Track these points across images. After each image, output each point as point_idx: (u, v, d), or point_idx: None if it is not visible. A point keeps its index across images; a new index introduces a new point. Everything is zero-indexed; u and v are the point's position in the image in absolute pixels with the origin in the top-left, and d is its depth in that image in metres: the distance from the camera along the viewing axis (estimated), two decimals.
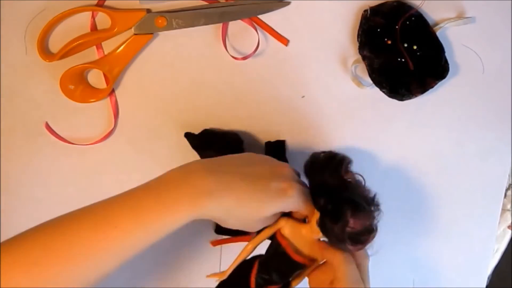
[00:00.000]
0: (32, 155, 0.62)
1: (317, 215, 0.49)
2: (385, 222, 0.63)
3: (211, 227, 0.62)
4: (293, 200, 0.48)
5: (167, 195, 0.43)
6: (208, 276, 0.55)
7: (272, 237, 0.53)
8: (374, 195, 0.51)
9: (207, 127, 0.61)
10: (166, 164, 0.61)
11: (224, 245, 0.62)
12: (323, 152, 0.53)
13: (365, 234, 0.48)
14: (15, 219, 0.63)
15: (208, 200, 0.44)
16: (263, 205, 0.46)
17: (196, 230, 0.63)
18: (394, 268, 0.64)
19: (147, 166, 0.62)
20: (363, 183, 0.52)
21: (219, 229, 0.61)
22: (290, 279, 0.54)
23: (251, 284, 0.53)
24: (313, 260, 0.52)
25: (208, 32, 0.60)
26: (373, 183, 0.62)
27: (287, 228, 0.52)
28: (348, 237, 0.47)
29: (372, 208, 0.50)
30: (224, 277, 0.54)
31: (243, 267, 0.54)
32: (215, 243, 0.62)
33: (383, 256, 0.63)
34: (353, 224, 0.47)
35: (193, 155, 0.61)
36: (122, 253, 0.43)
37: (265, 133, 0.61)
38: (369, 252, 0.51)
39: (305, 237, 0.51)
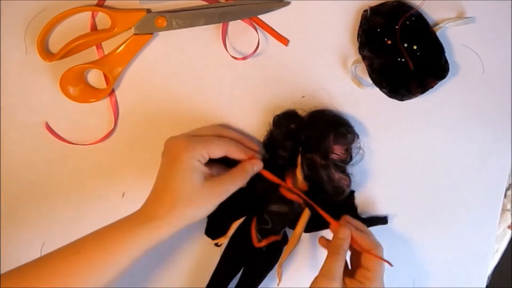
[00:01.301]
0: (32, 155, 0.62)
1: (298, 160, 0.54)
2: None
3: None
4: (190, 150, 0.50)
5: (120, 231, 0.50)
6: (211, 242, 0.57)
7: (264, 184, 0.56)
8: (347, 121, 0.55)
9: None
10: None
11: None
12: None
13: (349, 159, 0.52)
14: (15, 219, 0.63)
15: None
16: (174, 166, 0.51)
17: (197, 230, 0.63)
18: (394, 268, 0.64)
19: (147, 166, 0.62)
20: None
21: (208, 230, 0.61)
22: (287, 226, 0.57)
23: (253, 239, 0.56)
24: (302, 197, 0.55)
25: (208, 32, 0.60)
26: (373, 183, 0.62)
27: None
28: (333, 164, 0.51)
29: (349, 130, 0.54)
30: (227, 238, 0.57)
31: (243, 225, 0.57)
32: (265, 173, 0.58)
33: (383, 256, 0.63)
34: (336, 149, 0.52)
35: None
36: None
37: (265, 133, 0.61)
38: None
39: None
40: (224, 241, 0.57)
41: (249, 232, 0.57)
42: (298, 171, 0.56)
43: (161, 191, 0.51)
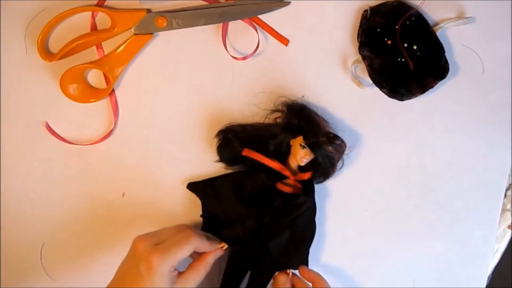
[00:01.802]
0: (32, 155, 0.62)
1: (295, 144, 0.56)
2: (384, 222, 0.63)
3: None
4: (162, 267, 0.52)
5: None
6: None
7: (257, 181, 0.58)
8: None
9: (207, 127, 0.61)
10: (166, 164, 0.61)
11: None
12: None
13: (338, 138, 0.56)
14: (15, 220, 0.63)
15: None
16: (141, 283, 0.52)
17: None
18: (394, 268, 0.64)
19: (147, 166, 0.62)
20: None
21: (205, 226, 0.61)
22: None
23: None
24: (298, 188, 0.58)
25: (208, 32, 0.60)
26: (373, 183, 0.62)
27: None
28: (329, 142, 0.55)
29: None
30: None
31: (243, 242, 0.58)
32: (246, 152, 0.59)
33: (383, 256, 0.63)
34: (326, 125, 0.57)
35: (192, 155, 0.61)
36: None
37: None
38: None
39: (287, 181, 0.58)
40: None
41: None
42: (291, 159, 0.57)
43: None
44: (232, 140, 0.58)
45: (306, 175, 0.58)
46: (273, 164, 0.57)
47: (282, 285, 0.57)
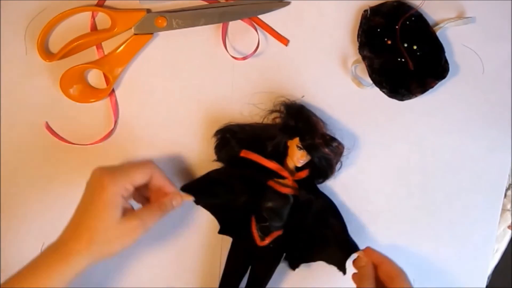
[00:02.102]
0: (32, 155, 0.62)
1: (292, 146, 0.56)
2: (385, 222, 0.63)
3: (210, 224, 0.63)
4: (113, 186, 0.51)
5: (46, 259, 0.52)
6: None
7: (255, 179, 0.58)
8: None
9: (207, 128, 0.61)
10: (166, 164, 0.61)
11: (225, 240, 0.62)
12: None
13: (335, 140, 0.56)
14: (15, 220, 0.63)
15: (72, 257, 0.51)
16: (93, 203, 0.51)
17: (197, 226, 0.63)
18: None
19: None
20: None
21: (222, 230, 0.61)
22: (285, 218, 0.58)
23: (256, 239, 0.57)
24: (296, 188, 0.58)
25: (208, 32, 0.60)
26: (373, 183, 0.62)
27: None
28: (326, 144, 0.55)
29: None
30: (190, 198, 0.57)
31: (243, 228, 0.58)
32: (244, 153, 0.59)
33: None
34: (324, 127, 0.57)
35: (192, 155, 0.61)
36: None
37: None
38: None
39: (285, 181, 0.58)
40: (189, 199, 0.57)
41: (250, 232, 0.58)
42: (289, 160, 0.57)
43: (78, 227, 0.52)
44: (230, 140, 0.58)
45: (303, 173, 0.58)
46: (271, 165, 0.57)
47: (366, 264, 0.54)
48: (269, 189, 0.57)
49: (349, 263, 0.56)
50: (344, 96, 0.60)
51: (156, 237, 0.63)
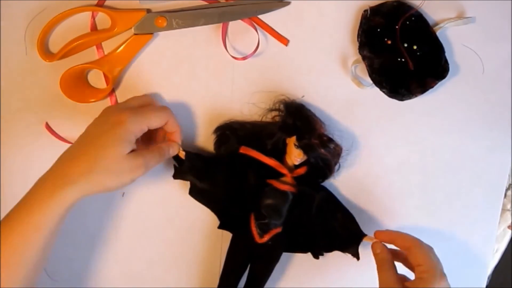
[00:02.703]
0: (32, 155, 0.62)
1: (290, 144, 0.56)
2: (385, 222, 0.63)
3: (211, 219, 0.63)
4: (130, 124, 0.51)
5: (38, 190, 0.52)
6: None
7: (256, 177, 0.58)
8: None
9: (207, 127, 0.61)
10: (166, 164, 0.61)
11: (225, 238, 0.62)
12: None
13: (333, 142, 0.56)
14: None
15: (65, 184, 0.50)
16: (110, 146, 0.51)
17: (197, 218, 0.63)
18: None
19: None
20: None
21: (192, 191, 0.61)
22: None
23: (255, 237, 0.57)
24: (295, 185, 0.58)
25: (208, 32, 0.60)
26: (372, 183, 0.62)
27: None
28: (323, 145, 0.55)
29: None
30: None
31: (242, 225, 0.58)
32: (244, 150, 0.59)
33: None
34: (322, 127, 0.57)
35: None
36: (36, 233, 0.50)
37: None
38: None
39: (284, 178, 0.58)
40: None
41: (249, 231, 0.58)
42: (287, 158, 0.57)
43: (79, 154, 0.51)
44: (230, 137, 0.58)
45: (302, 170, 0.58)
46: (270, 162, 0.57)
47: (381, 251, 0.55)
48: (268, 186, 0.57)
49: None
50: (344, 96, 0.60)
51: (157, 234, 0.63)
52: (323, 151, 0.55)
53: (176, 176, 0.59)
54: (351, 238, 0.58)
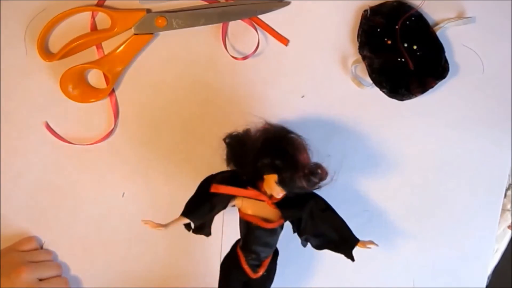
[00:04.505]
0: (32, 155, 0.62)
1: (270, 180, 0.51)
2: (385, 222, 0.63)
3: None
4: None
5: None
6: (145, 222, 0.53)
7: (240, 221, 0.55)
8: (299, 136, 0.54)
9: (207, 127, 0.61)
10: (166, 164, 0.61)
11: (225, 239, 0.62)
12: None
13: (318, 169, 0.51)
14: (15, 220, 0.63)
15: None
16: None
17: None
18: (394, 268, 0.64)
19: (147, 166, 0.62)
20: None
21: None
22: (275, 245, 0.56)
23: (249, 273, 0.55)
24: (281, 216, 0.54)
25: (208, 32, 0.60)
26: (373, 183, 0.62)
27: (248, 207, 0.54)
28: (306, 180, 0.50)
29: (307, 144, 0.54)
30: (163, 228, 0.53)
31: (231, 262, 0.56)
32: (215, 188, 0.54)
33: (384, 256, 0.63)
34: (306, 161, 0.51)
35: (192, 156, 0.61)
36: None
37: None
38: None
39: (267, 207, 0.53)
40: (159, 228, 0.53)
41: (241, 268, 0.55)
42: (267, 188, 0.53)
43: None
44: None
45: (280, 197, 0.53)
46: (248, 193, 0.53)
47: None
48: (253, 226, 0.54)
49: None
50: (344, 96, 0.60)
51: (156, 235, 0.63)
52: (307, 186, 0.50)
53: (195, 232, 0.56)
54: (344, 242, 0.56)
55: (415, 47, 0.57)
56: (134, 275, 0.64)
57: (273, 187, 0.52)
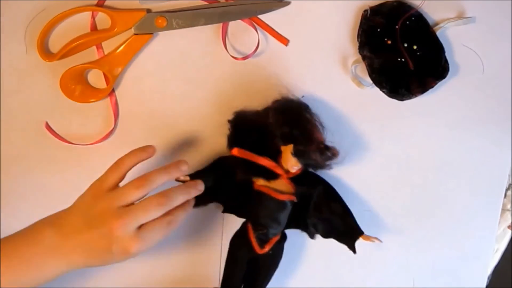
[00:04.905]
0: (32, 155, 0.62)
1: (286, 151, 0.55)
2: (385, 222, 0.63)
3: (210, 223, 0.63)
4: (138, 253, 0.49)
5: (24, 256, 0.50)
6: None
7: (251, 192, 0.56)
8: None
9: (207, 127, 0.61)
10: (166, 164, 0.61)
11: (225, 239, 0.62)
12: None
13: (331, 147, 0.55)
14: (15, 220, 0.63)
15: (59, 261, 0.50)
16: (111, 261, 0.50)
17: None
18: (394, 268, 0.64)
19: (147, 167, 0.62)
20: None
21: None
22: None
23: (255, 248, 0.56)
24: (293, 193, 0.56)
25: (208, 32, 0.60)
26: (373, 183, 0.62)
27: (262, 180, 0.56)
28: (320, 153, 0.54)
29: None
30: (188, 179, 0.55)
31: (240, 236, 0.57)
32: (237, 152, 0.56)
33: (384, 256, 0.63)
34: (320, 138, 0.55)
35: (192, 155, 0.61)
36: None
37: None
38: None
39: (280, 182, 0.56)
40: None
41: (248, 241, 0.56)
42: (284, 162, 0.55)
43: (79, 228, 0.50)
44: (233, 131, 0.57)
45: (297, 171, 0.56)
46: (265, 162, 0.55)
47: None
48: (265, 196, 0.56)
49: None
50: (344, 96, 0.60)
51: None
52: (320, 160, 0.54)
53: (196, 205, 0.56)
54: (348, 232, 0.57)
55: (415, 47, 0.57)
56: (134, 274, 0.64)
57: (289, 158, 0.55)
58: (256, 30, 0.59)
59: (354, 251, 0.57)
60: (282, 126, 0.55)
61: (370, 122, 0.61)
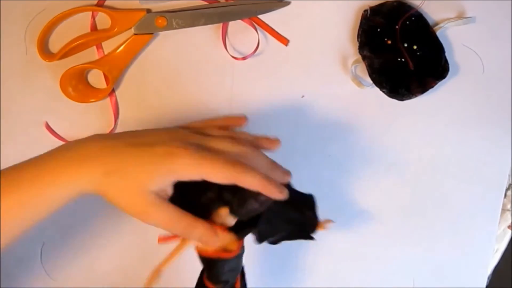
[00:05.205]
0: (32, 155, 0.62)
1: (221, 213, 0.46)
2: (385, 222, 0.63)
3: None
4: (183, 163, 0.41)
5: (46, 167, 0.44)
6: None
7: (199, 257, 0.50)
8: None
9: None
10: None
11: None
12: None
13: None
14: None
15: (87, 164, 0.42)
16: (146, 169, 0.41)
17: None
18: (394, 268, 0.64)
19: None
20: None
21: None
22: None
23: None
24: (240, 242, 0.49)
25: (208, 32, 0.60)
26: (373, 183, 0.62)
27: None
28: (257, 201, 0.45)
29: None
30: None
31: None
32: (162, 239, 0.53)
33: (383, 255, 0.63)
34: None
35: None
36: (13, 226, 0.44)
37: (264, 133, 0.61)
38: None
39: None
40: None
41: None
42: (218, 218, 0.47)
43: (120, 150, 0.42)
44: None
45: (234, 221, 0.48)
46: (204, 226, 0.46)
47: None
48: (216, 261, 0.48)
49: None
50: (344, 96, 0.60)
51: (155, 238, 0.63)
52: (259, 207, 0.46)
53: None
54: (300, 231, 0.50)
55: (415, 47, 0.57)
56: (135, 274, 0.64)
57: (226, 218, 0.47)
58: (256, 30, 0.59)
59: (312, 239, 0.51)
60: (208, 191, 0.46)
61: (370, 122, 0.61)
